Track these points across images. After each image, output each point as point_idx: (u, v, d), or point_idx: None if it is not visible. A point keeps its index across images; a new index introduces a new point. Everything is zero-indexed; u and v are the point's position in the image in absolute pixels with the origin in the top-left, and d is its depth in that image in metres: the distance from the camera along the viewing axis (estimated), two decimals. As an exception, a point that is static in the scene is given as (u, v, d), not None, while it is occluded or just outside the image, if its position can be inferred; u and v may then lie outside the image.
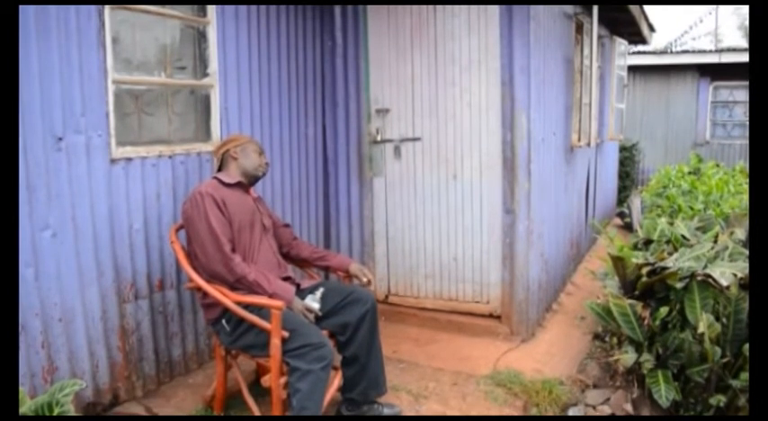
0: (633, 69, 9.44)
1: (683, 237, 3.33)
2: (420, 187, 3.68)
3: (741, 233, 3.28)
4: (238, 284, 2.28)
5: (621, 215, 7.04)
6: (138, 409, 2.51)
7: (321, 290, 2.45)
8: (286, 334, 2.15)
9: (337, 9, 3.59)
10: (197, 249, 2.31)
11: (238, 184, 2.47)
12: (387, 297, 3.89)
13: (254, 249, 2.43)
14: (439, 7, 3.49)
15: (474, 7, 3.40)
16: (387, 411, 2.56)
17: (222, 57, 2.91)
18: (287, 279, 2.48)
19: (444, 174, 3.60)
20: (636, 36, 6.68)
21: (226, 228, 2.31)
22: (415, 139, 3.64)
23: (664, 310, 2.72)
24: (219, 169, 2.54)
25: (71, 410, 1.55)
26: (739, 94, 10.11)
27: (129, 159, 2.51)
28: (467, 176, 3.56)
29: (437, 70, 3.54)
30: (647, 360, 2.70)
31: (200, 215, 2.28)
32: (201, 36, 2.86)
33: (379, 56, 3.66)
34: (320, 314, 2.38)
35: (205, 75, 2.88)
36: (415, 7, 3.53)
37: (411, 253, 3.77)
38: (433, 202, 3.66)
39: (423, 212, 3.70)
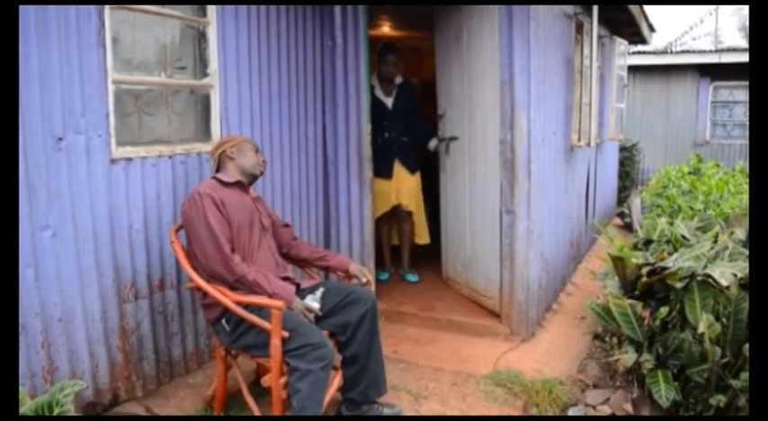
0: (633, 69, 9.44)
1: (683, 237, 3.32)
2: (458, 181, 3.90)
3: (741, 233, 3.28)
4: (238, 284, 2.28)
5: (621, 215, 7.03)
6: (138, 409, 2.51)
7: (321, 289, 2.45)
8: (286, 334, 2.15)
9: (337, 9, 3.59)
10: (196, 249, 2.31)
11: (237, 184, 2.47)
12: (447, 280, 4.22)
13: (252, 249, 2.43)
14: (465, 20, 3.65)
15: (484, 11, 3.43)
16: (387, 411, 2.56)
17: (222, 57, 2.91)
18: (286, 279, 2.48)
19: (468, 171, 3.80)
20: (636, 36, 6.68)
21: (225, 228, 2.31)
22: (455, 139, 3.90)
23: (664, 310, 2.72)
24: (217, 171, 2.54)
25: (71, 410, 1.55)
26: (739, 94, 10.11)
27: (129, 159, 2.51)
28: (477, 175, 3.69)
29: (462, 73, 3.78)
30: (647, 360, 2.70)
31: (198, 215, 2.28)
32: (201, 36, 2.86)
33: (440, 66, 4.04)
34: (320, 314, 2.38)
35: (205, 75, 2.88)
36: (455, 24, 3.80)
37: (455, 241, 4.04)
38: (465, 196, 3.87)
39: (462, 204, 3.92)
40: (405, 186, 4.26)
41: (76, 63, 2.26)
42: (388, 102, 4.22)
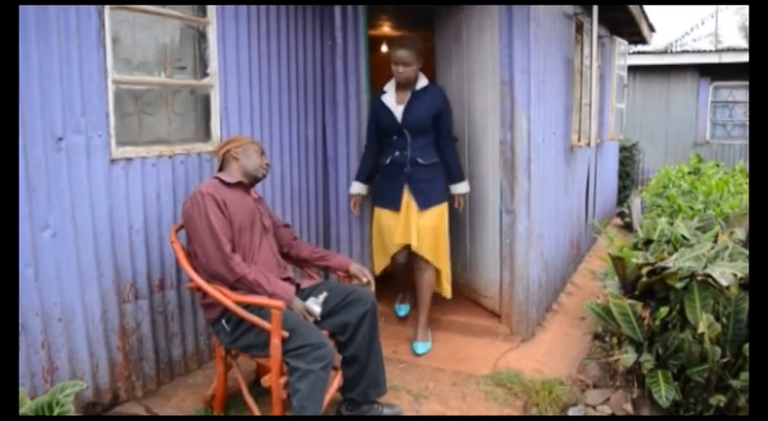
0: (633, 69, 9.43)
1: (683, 236, 3.32)
2: None
3: (741, 233, 3.27)
4: (238, 284, 2.28)
5: (621, 215, 7.04)
6: (138, 409, 2.51)
7: (324, 294, 2.44)
8: (286, 334, 2.15)
9: (337, 9, 3.59)
10: (197, 249, 2.31)
11: (239, 184, 2.48)
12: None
13: (253, 250, 2.43)
14: (465, 20, 3.64)
15: (484, 11, 3.43)
16: (387, 411, 2.56)
17: (222, 57, 2.91)
18: (287, 279, 2.48)
19: (468, 171, 3.75)
20: (636, 36, 6.68)
21: (226, 228, 2.31)
22: (455, 139, 3.82)
23: (664, 310, 2.72)
24: (220, 169, 2.54)
25: (71, 410, 1.55)
26: (739, 94, 10.11)
27: (129, 159, 2.51)
28: (477, 175, 3.67)
29: (462, 73, 3.76)
30: (647, 360, 2.69)
31: (200, 214, 2.28)
32: (201, 36, 2.86)
33: (440, 66, 4.03)
34: (318, 319, 2.37)
35: (205, 75, 2.88)
36: (455, 24, 3.79)
37: (455, 241, 3.97)
38: (464, 196, 3.79)
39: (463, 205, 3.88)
40: (415, 224, 3.18)
41: (76, 63, 2.26)
42: (398, 111, 3.19)
